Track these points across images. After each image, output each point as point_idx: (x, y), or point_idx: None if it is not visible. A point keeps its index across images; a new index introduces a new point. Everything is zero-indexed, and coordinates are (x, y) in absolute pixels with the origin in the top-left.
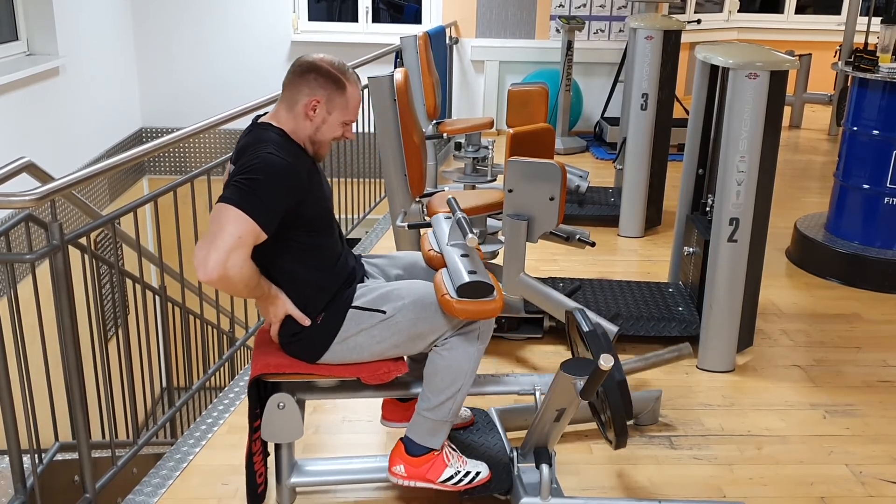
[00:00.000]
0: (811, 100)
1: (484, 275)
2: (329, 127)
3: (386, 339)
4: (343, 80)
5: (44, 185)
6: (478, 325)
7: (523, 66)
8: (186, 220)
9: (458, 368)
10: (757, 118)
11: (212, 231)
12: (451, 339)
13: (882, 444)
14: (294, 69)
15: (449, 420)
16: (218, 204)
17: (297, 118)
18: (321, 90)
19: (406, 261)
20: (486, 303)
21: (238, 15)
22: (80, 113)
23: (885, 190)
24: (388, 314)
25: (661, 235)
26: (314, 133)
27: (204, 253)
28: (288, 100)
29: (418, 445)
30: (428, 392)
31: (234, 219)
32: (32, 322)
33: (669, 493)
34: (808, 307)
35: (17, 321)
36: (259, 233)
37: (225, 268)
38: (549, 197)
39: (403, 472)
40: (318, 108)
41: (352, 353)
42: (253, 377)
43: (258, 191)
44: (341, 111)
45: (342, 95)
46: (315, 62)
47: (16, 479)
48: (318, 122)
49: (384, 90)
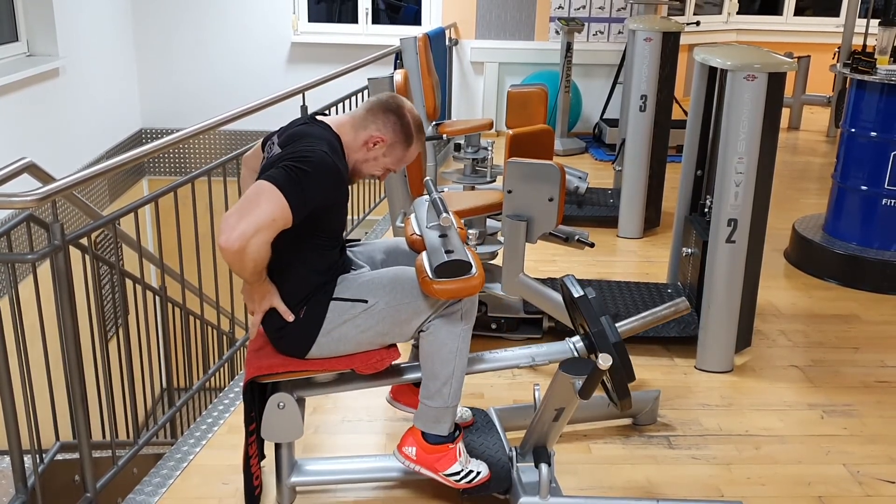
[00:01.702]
0: (810, 101)
1: (462, 252)
2: (376, 164)
3: (371, 327)
4: (413, 136)
5: (45, 185)
6: (461, 305)
7: (523, 67)
8: (187, 221)
9: (446, 350)
10: (755, 119)
11: (248, 201)
12: (434, 322)
13: (879, 444)
14: (384, 101)
15: (449, 405)
16: (261, 181)
17: (357, 141)
18: (391, 134)
19: (389, 245)
20: (466, 280)
21: (238, 16)
22: (79, 114)
23: (883, 191)
24: (369, 303)
25: (660, 236)
26: (362, 162)
27: (234, 220)
28: (361, 120)
29: (433, 434)
30: (426, 380)
31: (274, 199)
32: (33, 322)
33: (668, 492)
34: (806, 308)
35: (19, 321)
36: (289, 219)
37: (248, 242)
38: (548, 198)
39: (414, 454)
40: (379, 145)
41: (339, 345)
42: (247, 381)
43: (304, 182)
44: (394, 161)
45: (405, 150)
46: (403, 108)
47: (17, 478)
48: (370, 156)
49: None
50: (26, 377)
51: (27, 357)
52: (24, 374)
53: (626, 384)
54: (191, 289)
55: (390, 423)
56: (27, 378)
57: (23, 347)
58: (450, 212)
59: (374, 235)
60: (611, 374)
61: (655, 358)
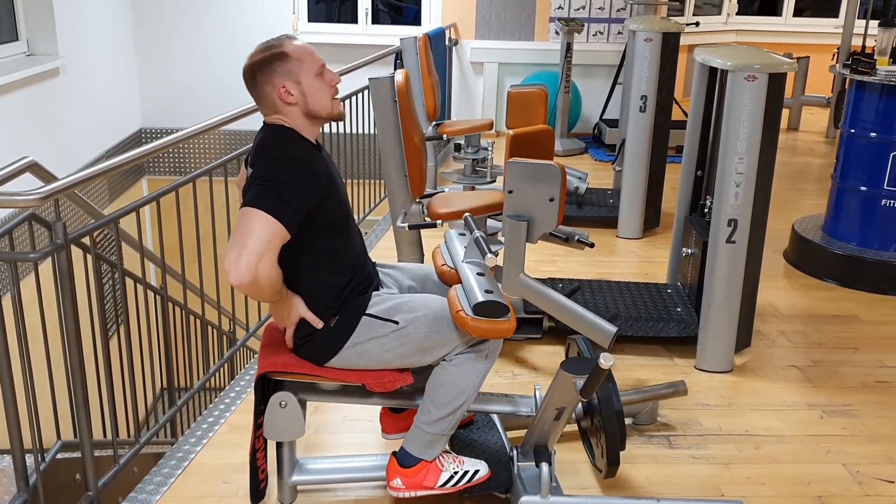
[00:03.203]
0: (809, 102)
1: (499, 295)
2: (312, 90)
3: (395, 348)
4: (278, 50)
5: (47, 184)
6: (488, 344)
7: (522, 67)
8: (188, 221)
9: (463, 385)
10: (755, 120)
11: (240, 235)
12: (460, 356)
13: (879, 443)
14: (245, 79)
15: (447, 434)
16: (243, 208)
17: (285, 110)
18: (274, 75)
19: (419, 273)
20: (501, 322)
21: (238, 16)
22: (79, 113)
23: (882, 192)
24: (400, 325)
25: (660, 237)
26: (307, 107)
27: (235, 256)
28: (266, 104)
29: (410, 456)
30: (429, 405)
31: (261, 222)
32: (35, 321)
33: (668, 492)
34: (805, 308)
35: (21, 320)
36: (285, 234)
37: (257, 271)
38: (548, 198)
39: (401, 484)
40: (287, 88)
41: (360, 360)
42: (259, 374)
43: (281, 192)
44: (303, 71)
45: (290, 61)
46: (251, 61)
47: (18, 477)
48: (299, 97)
49: (385, 91)
50: (28, 376)
51: (29, 356)
52: (25, 373)
53: (617, 452)
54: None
55: None
56: (29, 377)
57: (24, 346)
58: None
59: (375, 235)
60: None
61: (655, 358)
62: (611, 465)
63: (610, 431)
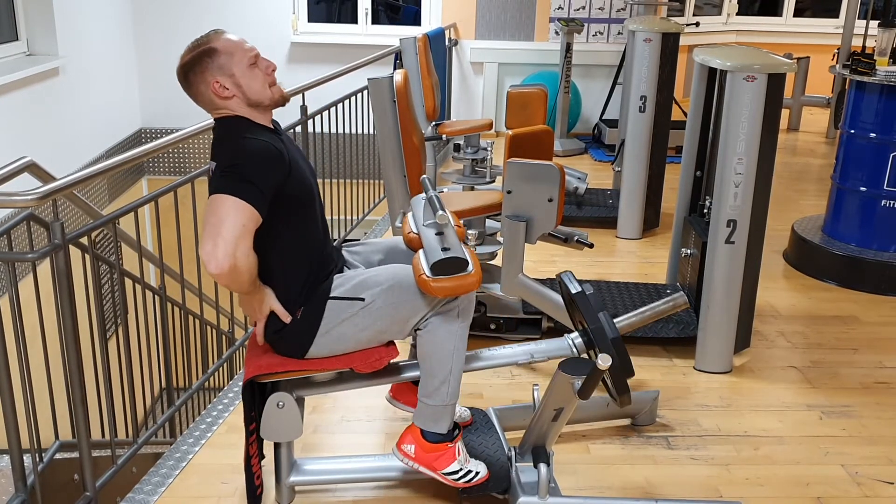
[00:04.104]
0: (809, 103)
1: (458, 250)
2: (246, 79)
3: (369, 325)
4: (205, 47)
5: (45, 184)
6: (457, 303)
7: (522, 67)
8: (186, 221)
9: (443, 349)
10: (754, 120)
11: (212, 224)
12: (431, 320)
13: (878, 445)
14: (179, 81)
15: (447, 403)
16: (212, 196)
17: (226, 103)
18: (206, 73)
19: (386, 245)
20: (462, 278)
21: (238, 16)
22: (79, 113)
23: (882, 192)
24: (367, 301)
25: (659, 237)
26: (246, 97)
27: (210, 246)
28: (205, 103)
29: (433, 433)
30: (424, 378)
31: (232, 207)
32: (33, 321)
33: (666, 492)
34: (805, 309)
35: (19, 320)
36: (257, 217)
37: (235, 258)
38: (547, 198)
39: (413, 452)
40: (221, 83)
41: (338, 344)
42: (246, 380)
43: (247, 175)
44: (234, 64)
45: (219, 56)
46: (181, 63)
47: (16, 477)
48: (235, 90)
49: (384, 92)
50: (26, 376)
51: (27, 356)
52: (23, 373)
53: (625, 380)
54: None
55: (389, 423)
56: (27, 377)
57: (22, 346)
58: (446, 209)
59: (374, 235)
60: (609, 370)
61: (654, 358)
62: (620, 394)
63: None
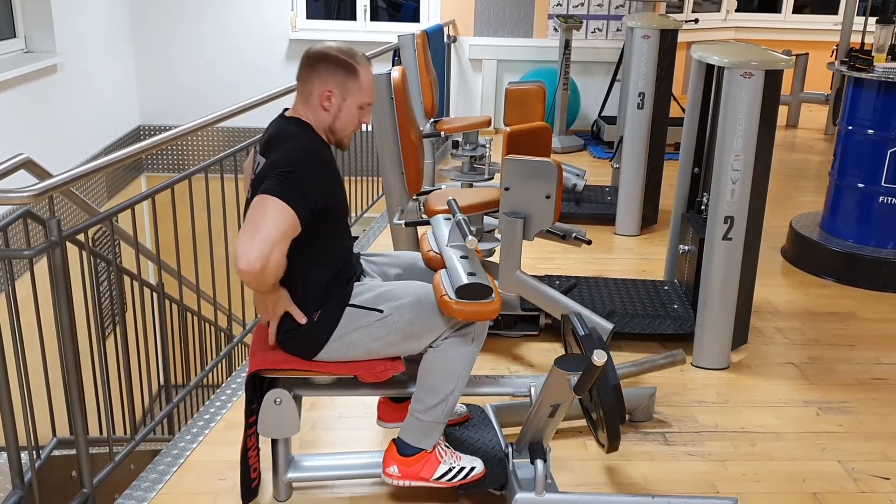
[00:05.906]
0: (808, 99)
1: (483, 277)
2: (347, 114)
3: (382, 337)
4: (353, 64)
5: (42, 181)
6: (473, 328)
7: (521, 64)
8: (184, 218)
9: (451, 369)
10: (752, 117)
11: (254, 221)
12: (446, 341)
13: (874, 441)
14: (305, 61)
15: (441, 421)
16: (260, 195)
17: (315, 110)
18: (333, 78)
19: (405, 260)
20: (485, 304)
21: (236, 13)
22: (77, 110)
23: (880, 189)
24: (385, 313)
25: (657, 234)
26: (333, 122)
27: (247, 243)
28: (302, 92)
29: (410, 446)
30: (421, 393)
31: (279, 212)
32: (31, 318)
33: (663, 488)
34: (802, 305)
35: (16, 317)
36: (298, 227)
37: (268, 260)
38: (545, 195)
39: (397, 472)
40: (332, 97)
41: (348, 351)
42: (251, 372)
43: (298, 184)
44: (356, 96)
45: (355, 80)
46: (324, 51)
47: (14, 474)
48: (334, 111)
49: (381, 88)
50: (23, 373)
51: (24, 353)
52: (21, 371)
53: (618, 426)
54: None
55: None
56: (24, 374)
57: (20, 344)
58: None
59: (372, 232)
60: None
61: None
62: (612, 441)
63: (607, 405)
